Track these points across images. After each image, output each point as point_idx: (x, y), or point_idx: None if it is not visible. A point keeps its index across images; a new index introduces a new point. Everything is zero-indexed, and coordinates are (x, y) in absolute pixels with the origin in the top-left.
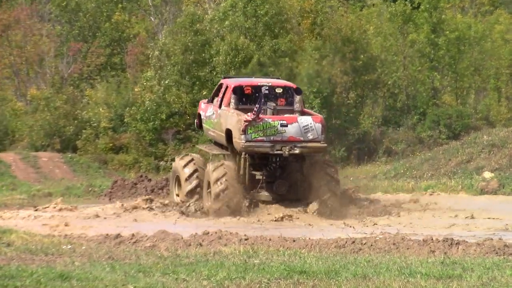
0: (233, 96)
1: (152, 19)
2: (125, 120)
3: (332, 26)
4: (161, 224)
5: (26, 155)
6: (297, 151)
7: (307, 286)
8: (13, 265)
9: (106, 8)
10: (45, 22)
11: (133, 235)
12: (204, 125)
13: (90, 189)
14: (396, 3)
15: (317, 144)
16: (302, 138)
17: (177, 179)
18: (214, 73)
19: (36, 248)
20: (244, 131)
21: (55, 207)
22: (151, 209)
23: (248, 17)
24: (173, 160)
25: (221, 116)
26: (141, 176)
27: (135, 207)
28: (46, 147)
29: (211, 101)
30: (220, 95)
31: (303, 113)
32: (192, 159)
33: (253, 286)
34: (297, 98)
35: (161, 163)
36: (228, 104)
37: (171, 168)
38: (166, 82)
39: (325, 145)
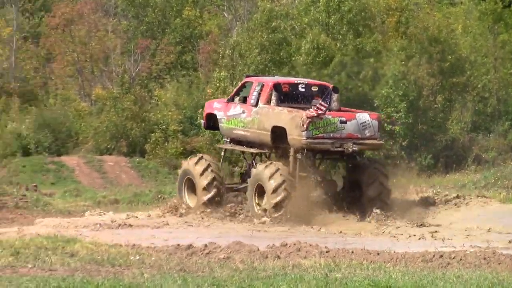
0: (274, 93)
1: (226, 15)
2: (198, 123)
3: (418, 24)
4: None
5: (90, 159)
6: (356, 148)
7: None
8: (77, 276)
9: (176, 2)
10: (111, 17)
11: (206, 245)
12: (223, 125)
13: (159, 196)
14: (486, 1)
15: (374, 141)
16: (359, 135)
17: (187, 181)
18: (293, 73)
19: (102, 258)
20: (307, 128)
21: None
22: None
23: (331, 14)
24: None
25: (260, 114)
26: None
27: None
28: (112, 151)
29: (231, 100)
30: (253, 93)
31: (340, 110)
32: (209, 165)
33: None
34: (335, 96)
35: (236, 168)
36: (268, 102)
37: (241, 173)
38: (237, 79)
39: (382, 142)
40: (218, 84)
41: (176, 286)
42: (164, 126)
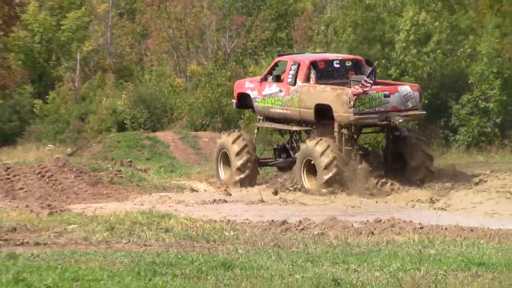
0: (313, 71)
1: None
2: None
3: None
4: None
5: (185, 135)
6: (401, 120)
7: (486, 279)
8: (172, 252)
9: None
10: None
11: (300, 221)
12: (258, 104)
13: None
14: None
15: (417, 112)
16: (403, 107)
17: (223, 156)
18: (386, 50)
19: (197, 234)
20: (354, 104)
21: None
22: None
23: None
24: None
25: (301, 92)
26: None
27: None
28: (207, 127)
29: (264, 79)
30: (289, 71)
31: (376, 84)
32: (244, 139)
33: (429, 278)
34: (369, 70)
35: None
36: (306, 80)
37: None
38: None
39: (424, 112)
40: None
41: (270, 261)
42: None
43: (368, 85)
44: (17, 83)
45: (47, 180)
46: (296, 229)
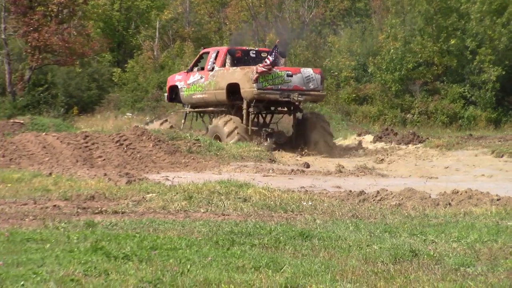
0: (228, 57)
1: None
2: (369, 70)
3: None
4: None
5: None
6: (301, 98)
7: None
8: (250, 222)
9: None
10: None
11: (377, 192)
12: (184, 93)
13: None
14: None
15: (317, 92)
16: (304, 87)
17: None
18: (463, 22)
19: (275, 204)
20: (257, 80)
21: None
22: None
23: None
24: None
25: (216, 76)
26: (386, 129)
27: None
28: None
29: (190, 70)
30: (209, 59)
31: None
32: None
33: (506, 249)
34: (282, 60)
35: (408, 115)
36: (223, 65)
37: (417, 122)
38: (407, 27)
39: (324, 93)
40: (390, 30)
41: (348, 232)
42: (336, 73)
43: (268, 61)
44: (96, 51)
45: (125, 148)
46: (374, 200)
